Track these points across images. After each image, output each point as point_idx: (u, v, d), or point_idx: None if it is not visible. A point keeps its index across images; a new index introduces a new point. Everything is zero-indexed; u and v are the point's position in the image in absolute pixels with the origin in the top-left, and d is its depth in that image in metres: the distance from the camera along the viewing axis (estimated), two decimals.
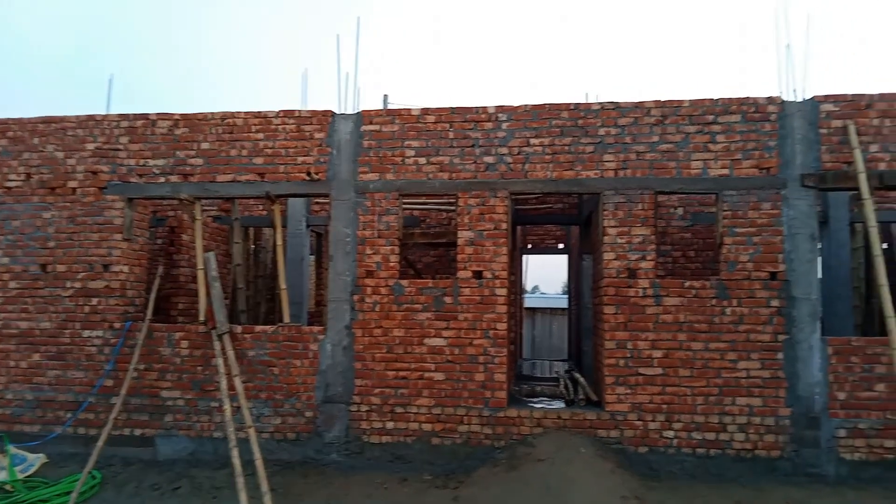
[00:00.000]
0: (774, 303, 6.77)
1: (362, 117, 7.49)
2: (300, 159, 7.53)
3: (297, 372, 7.30)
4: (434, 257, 10.32)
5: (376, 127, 7.44)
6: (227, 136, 7.68)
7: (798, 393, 6.67)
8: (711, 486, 6.37)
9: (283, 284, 7.70)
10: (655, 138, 7.04)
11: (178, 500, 6.41)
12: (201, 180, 7.68)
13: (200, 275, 7.49)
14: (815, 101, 6.92)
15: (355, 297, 7.29)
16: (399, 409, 7.11)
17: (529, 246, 12.17)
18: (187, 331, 7.55)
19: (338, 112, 7.62)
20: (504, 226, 7.17)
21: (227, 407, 6.72)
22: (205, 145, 7.72)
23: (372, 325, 7.23)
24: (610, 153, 7.08)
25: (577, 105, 7.18)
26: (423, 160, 7.32)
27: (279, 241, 7.80)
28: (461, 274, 7.18)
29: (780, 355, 6.72)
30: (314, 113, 7.58)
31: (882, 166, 6.78)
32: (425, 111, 7.37)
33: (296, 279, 9.19)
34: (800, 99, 7.00)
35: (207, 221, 9.63)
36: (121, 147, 7.87)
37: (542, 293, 43.04)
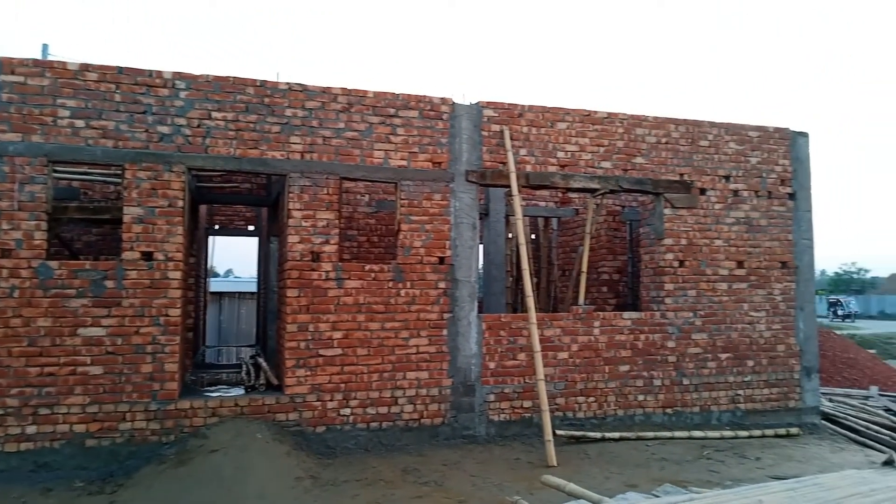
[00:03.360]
0: (441, 285, 7.46)
1: (1, 65, 6.22)
2: None
3: None
4: (97, 236, 9.09)
5: (20, 79, 6.24)
6: None
7: (458, 365, 7.47)
8: (382, 457, 6.79)
9: None
10: (341, 125, 7.19)
11: None
12: None
13: None
14: (480, 106, 7.78)
15: None
16: (44, 411, 6.12)
17: (216, 226, 11.52)
18: None
19: None
20: (180, 203, 6.62)
21: None
22: None
23: (8, 314, 6.07)
24: (297, 135, 7.02)
25: (264, 82, 6.96)
26: (81, 123, 6.36)
27: None
28: (127, 255, 6.45)
29: (444, 332, 7.43)
30: None
31: (529, 168, 7.91)
32: (85, 67, 6.41)
33: None
34: (467, 103, 7.80)
35: None
36: None
37: (237, 277, 41.47)
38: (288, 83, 7.05)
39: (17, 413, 6.06)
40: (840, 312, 47.69)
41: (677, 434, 7.74)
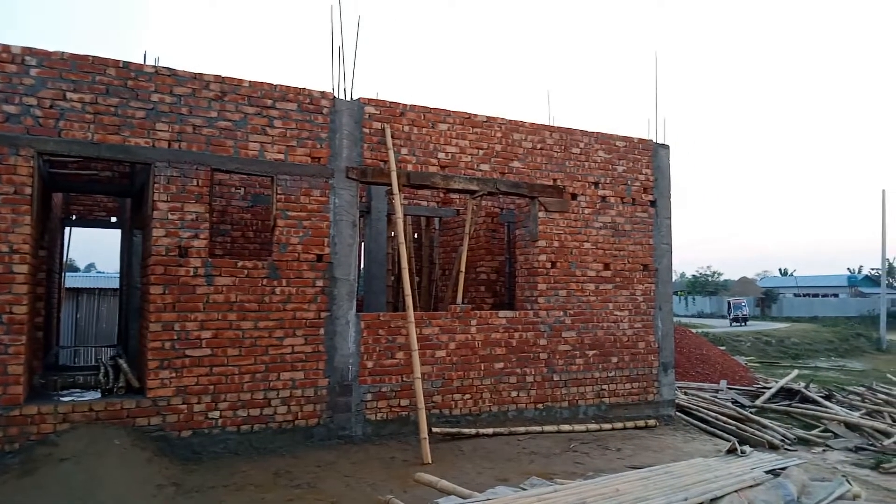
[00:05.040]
0: (319, 283, 7.31)
1: None
2: None
3: None
4: None
5: None
6: None
7: (335, 364, 7.35)
8: (253, 461, 6.55)
9: None
10: (214, 114, 6.86)
11: None
12: None
13: None
14: (361, 103, 7.71)
15: None
16: None
17: (74, 217, 10.62)
18: None
19: None
20: (28, 190, 6.04)
21: None
22: None
23: None
24: (164, 122, 6.62)
25: (128, 64, 6.50)
26: None
27: None
28: None
29: (321, 331, 7.30)
30: None
31: (410, 167, 7.93)
32: None
33: None
34: (348, 98, 7.69)
35: None
36: None
37: (100, 272, 38.66)
38: (155, 66, 6.64)
39: None
40: (731, 315, 43.20)
41: (547, 428, 8.07)
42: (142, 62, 6.67)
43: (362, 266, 10.37)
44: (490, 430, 7.75)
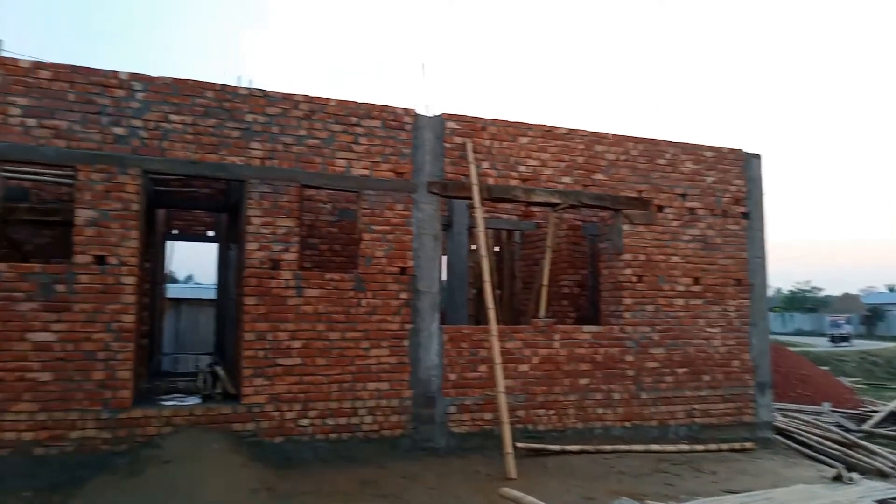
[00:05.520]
0: (403, 295, 7.42)
1: None
2: None
3: None
4: (49, 238, 8.77)
5: None
6: None
7: (419, 376, 7.42)
8: (341, 469, 6.69)
9: None
10: (303, 132, 7.13)
11: None
12: None
13: None
14: (443, 118, 7.81)
15: None
16: None
17: (175, 231, 11.28)
18: None
19: None
20: (135, 206, 6.48)
21: None
22: None
23: None
24: (257, 141, 6.94)
25: (224, 87, 6.88)
26: (32, 122, 6.19)
27: None
28: (79, 259, 6.27)
29: (406, 343, 7.39)
30: None
31: (490, 181, 7.95)
32: (38, 65, 6.25)
33: None
34: (430, 114, 7.81)
35: None
36: None
37: (198, 283, 40.75)
38: (248, 88, 7.00)
39: None
40: (831, 334, 39.72)
41: (635, 447, 7.80)
42: (236, 84, 7.02)
43: (444, 279, 10.45)
44: (576, 447, 7.57)
